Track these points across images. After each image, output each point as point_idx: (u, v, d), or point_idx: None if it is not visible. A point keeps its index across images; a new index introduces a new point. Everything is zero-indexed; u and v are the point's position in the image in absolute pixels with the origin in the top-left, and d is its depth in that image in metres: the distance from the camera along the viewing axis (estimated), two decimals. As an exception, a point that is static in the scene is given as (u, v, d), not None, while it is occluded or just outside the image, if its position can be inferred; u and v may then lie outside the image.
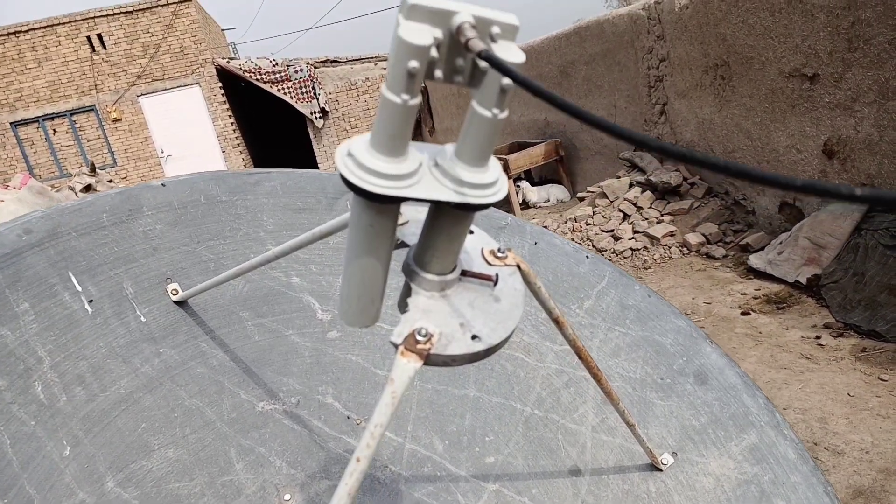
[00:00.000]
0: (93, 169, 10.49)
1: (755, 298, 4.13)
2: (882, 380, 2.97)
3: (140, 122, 13.95)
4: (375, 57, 14.93)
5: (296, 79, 13.97)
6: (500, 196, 0.58)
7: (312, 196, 1.66)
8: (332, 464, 1.32)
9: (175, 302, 1.30)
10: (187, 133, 14.13)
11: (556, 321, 0.85)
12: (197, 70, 13.87)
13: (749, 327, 3.74)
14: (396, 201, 0.55)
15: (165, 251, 1.31)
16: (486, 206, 0.57)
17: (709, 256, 5.05)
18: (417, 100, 0.51)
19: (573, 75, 7.79)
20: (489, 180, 0.57)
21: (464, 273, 0.68)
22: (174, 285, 1.30)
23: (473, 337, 0.63)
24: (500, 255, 0.73)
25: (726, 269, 4.75)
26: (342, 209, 1.69)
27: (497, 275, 0.68)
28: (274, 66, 13.84)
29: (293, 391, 1.37)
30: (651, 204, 6.05)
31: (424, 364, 0.60)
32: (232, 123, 14.26)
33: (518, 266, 0.72)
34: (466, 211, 0.59)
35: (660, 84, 6.19)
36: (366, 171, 0.52)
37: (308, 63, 14.13)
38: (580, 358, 0.94)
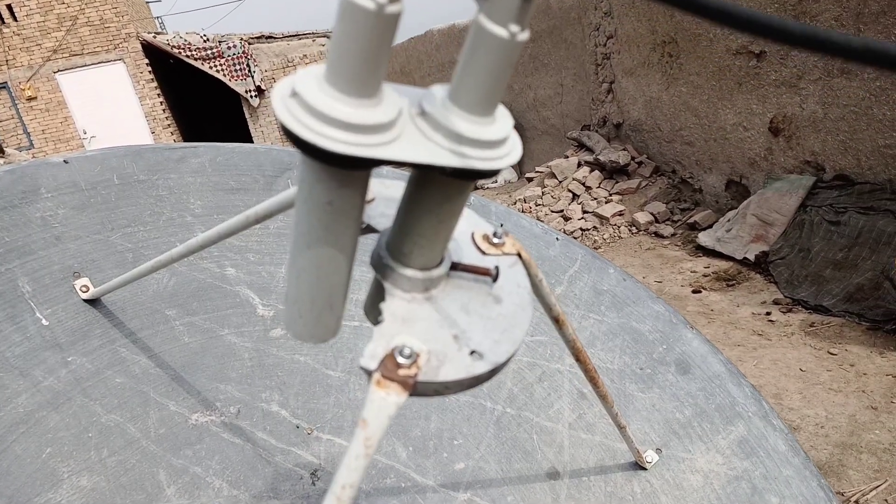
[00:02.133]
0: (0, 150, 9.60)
1: (705, 276, 4.13)
2: (831, 354, 2.99)
3: (58, 101, 13.02)
4: (313, 33, 14.40)
5: (229, 55, 13.34)
6: (514, 158, 0.42)
7: (247, 174, 1.47)
8: (280, 481, 1.16)
9: (85, 300, 1.10)
10: (112, 112, 13.29)
11: (556, 319, 0.70)
12: (120, 45, 13.03)
13: (701, 305, 3.73)
14: (368, 165, 0.38)
15: (71, 240, 1.10)
16: (493, 174, 0.41)
17: (657, 235, 5.04)
18: (398, 7, 0.34)
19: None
20: (498, 136, 0.41)
21: (453, 266, 0.52)
22: (83, 281, 1.10)
23: (472, 353, 0.47)
24: (496, 240, 0.57)
25: (675, 247, 4.75)
26: (281, 190, 1.50)
27: (497, 268, 0.52)
28: (205, 41, 13.18)
29: (232, 399, 1.20)
30: (600, 183, 6.02)
31: (410, 395, 0.44)
32: (161, 102, 13.52)
33: (519, 255, 0.57)
34: (465, 180, 0.43)
35: (607, 62, 6.13)
36: (321, 120, 0.35)
37: (242, 39, 13.52)
38: (578, 360, 0.80)
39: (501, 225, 1.48)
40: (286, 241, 1.44)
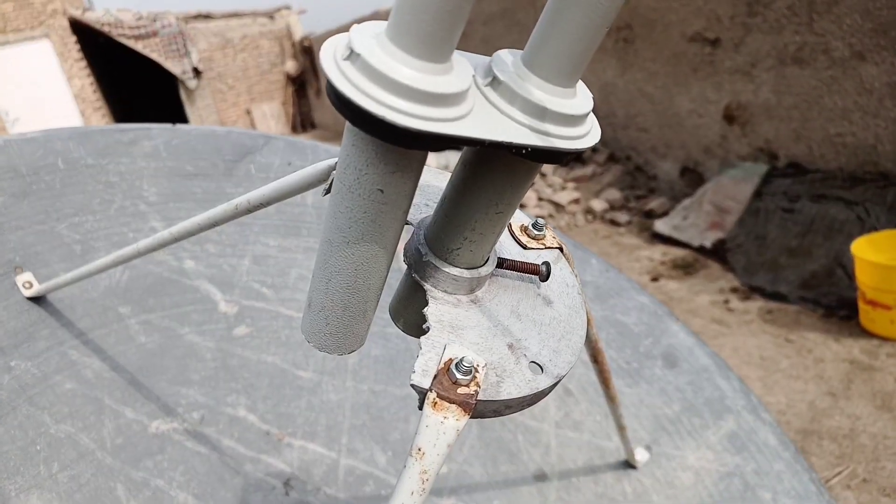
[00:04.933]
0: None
1: (662, 264, 4.16)
2: (789, 340, 3.04)
3: (-22, 81, 12.25)
4: (253, 13, 13.95)
5: (164, 34, 12.77)
6: (596, 137, 0.36)
7: (206, 158, 1.36)
8: (250, 492, 1.07)
9: (29, 298, 0.99)
10: (38, 93, 12.56)
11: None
12: (45, 22, 12.30)
13: (660, 293, 3.76)
14: (437, 145, 0.30)
15: (11, 231, 0.99)
16: (571, 156, 0.34)
17: (613, 223, 5.07)
18: None
19: (470, 35, 7.59)
20: (582, 110, 0.34)
21: (499, 264, 0.45)
22: (26, 276, 0.99)
23: (531, 364, 0.40)
24: (536, 232, 0.50)
25: (631, 234, 4.79)
26: (243, 176, 1.40)
27: (547, 264, 0.45)
28: (138, 19, 12.60)
29: (195, 404, 1.10)
30: (555, 170, 6.01)
31: (471, 418, 0.37)
32: (91, 83, 12.87)
33: (560, 249, 0.50)
34: (539, 162, 0.36)
35: (562, 48, 6.09)
36: (387, 88, 0.28)
37: (177, 18, 12.98)
38: (595, 361, 0.74)
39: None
40: (248, 231, 1.35)
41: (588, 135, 0.35)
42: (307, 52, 13.66)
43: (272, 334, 1.24)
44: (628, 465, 1.17)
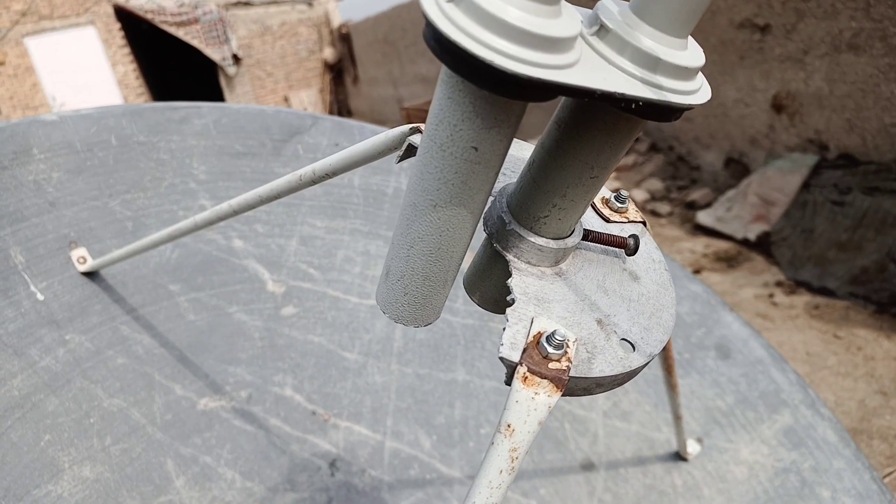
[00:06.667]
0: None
1: (705, 256, 4.07)
2: (838, 337, 2.95)
3: (27, 67, 12.50)
4: (292, 0, 14.05)
5: (204, 21, 12.94)
6: (708, 94, 0.34)
7: (254, 137, 1.36)
8: (297, 472, 1.07)
9: (83, 273, 1.00)
10: (82, 79, 12.85)
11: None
12: (91, 9, 12.57)
13: (702, 285, 3.68)
14: (544, 95, 0.28)
15: (67, 207, 0.99)
16: (682, 111, 0.32)
17: (655, 213, 4.98)
18: None
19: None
20: (697, 62, 0.32)
21: (584, 235, 0.43)
22: (81, 251, 0.99)
23: (622, 342, 0.38)
24: (619, 205, 0.48)
25: (673, 226, 4.69)
26: (290, 156, 1.40)
27: (635, 237, 0.43)
28: (180, 6, 12.79)
29: (243, 383, 1.11)
30: (594, 159, 5.93)
31: (562, 395, 0.35)
32: (134, 69, 13.12)
33: (644, 224, 0.48)
34: (646, 118, 0.33)
35: (604, 35, 5.98)
36: (495, 31, 0.25)
37: (218, 5, 13.13)
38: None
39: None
40: (296, 211, 1.34)
41: (700, 90, 0.33)
42: (345, 39, 13.68)
43: (318, 315, 1.23)
44: (678, 457, 1.14)
